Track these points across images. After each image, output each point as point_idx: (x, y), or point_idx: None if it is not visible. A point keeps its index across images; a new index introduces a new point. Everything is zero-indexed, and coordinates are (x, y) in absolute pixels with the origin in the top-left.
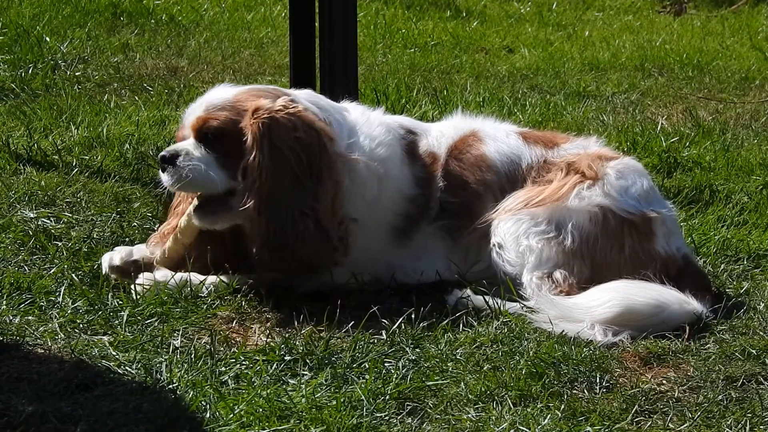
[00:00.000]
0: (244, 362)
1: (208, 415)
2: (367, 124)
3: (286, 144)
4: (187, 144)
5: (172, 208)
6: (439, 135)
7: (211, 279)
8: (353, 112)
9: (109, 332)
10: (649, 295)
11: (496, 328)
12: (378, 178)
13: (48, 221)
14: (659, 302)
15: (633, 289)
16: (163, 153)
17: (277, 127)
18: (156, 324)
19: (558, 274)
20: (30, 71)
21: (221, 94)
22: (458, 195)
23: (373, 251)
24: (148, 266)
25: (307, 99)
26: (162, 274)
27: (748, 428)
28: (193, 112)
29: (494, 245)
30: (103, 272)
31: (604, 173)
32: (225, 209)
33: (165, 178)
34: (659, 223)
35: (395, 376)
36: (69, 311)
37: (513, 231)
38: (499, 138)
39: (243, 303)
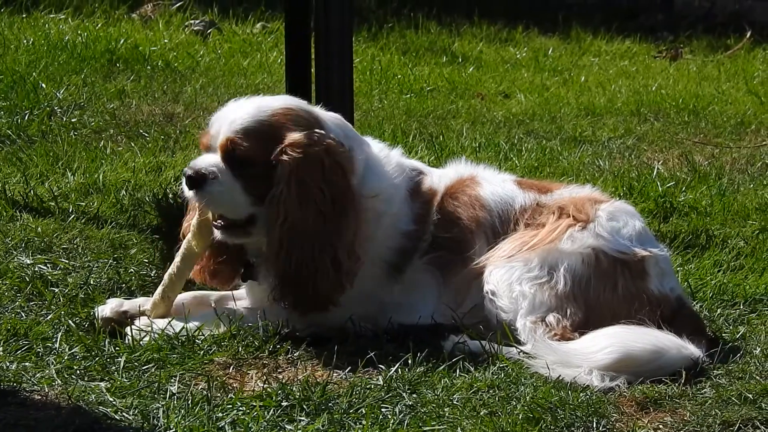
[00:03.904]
0: (241, 408)
1: None
2: (384, 161)
3: (314, 181)
4: (214, 163)
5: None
6: (441, 175)
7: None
8: (374, 146)
9: (106, 378)
10: (647, 340)
11: (492, 373)
12: (377, 215)
13: (45, 267)
14: (657, 348)
15: (631, 336)
16: (189, 173)
17: (307, 163)
18: (153, 370)
19: (551, 318)
20: (26, 117)
21: (254, 113)
22: (451, 230)
23: (365, 286)
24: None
25: (334, 124)
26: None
27: None
28: (223, 127)
29: (487, 292)
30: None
31: (595, 215)
32: (243, 232)
33: (189, 195)
34: (652, 263)
35: (392, 421)
36: (66, 357)
37: (506, 278)
38: (495, 182)
39: (240, 348)
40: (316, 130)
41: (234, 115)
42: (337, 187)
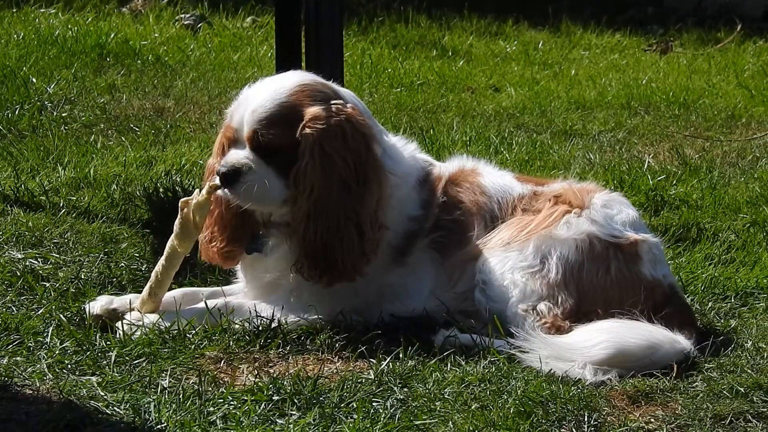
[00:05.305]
0: (232, 402)
1: None
2: (401, 149)
3: (336, 151)
4: (245, 156)
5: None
6: (447, 165)
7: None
8: (391, 137)
9: (98, 372)
10: (641, 336)
11: (483, 367)
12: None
13: (35, 262)
14: (651, 344)
15: (626, 331)
16: (223, 170)
17: (329, 134)
18: (144, 364)
19: (542, 306)
20: (17, 112)
21: (272, 96)
22: (452, 213)
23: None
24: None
25: (353, 98)
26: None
27: None
28: (246, 117)
29: (479, 282)
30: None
31: (590, 202)
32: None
33: (227, 193)
34: (645, 248)
35: (383, 415)
36: (57, 352)
37: (498, 267)
38: (495, 174)
39: (231, 343)
40: (334, 101)
41: (254, 104)
42: (360, 155)
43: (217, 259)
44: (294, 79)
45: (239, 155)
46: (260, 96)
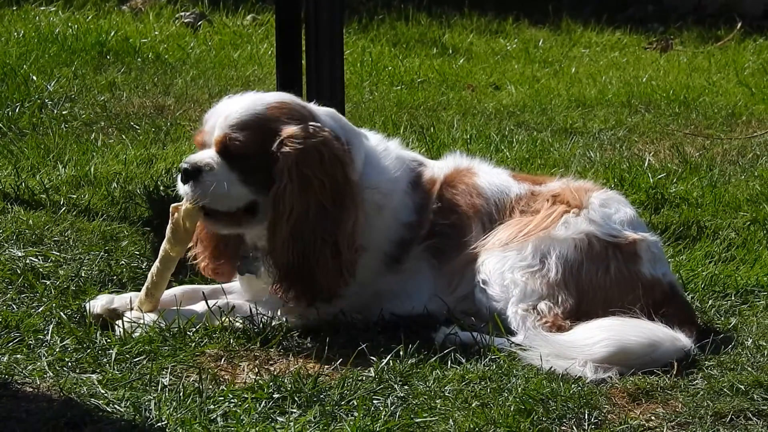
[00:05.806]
0: (232, 400)
1: None
2: (383, 153)
3: (314, 173)
4: (209, 157)
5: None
6: (440, 166)
7: (199, 308)
8: (372, 139)
9: (98, 370)
10: (642, 334)
11: (484, 364)
12: (378, 208)
13: (36, 260)
14: (652, 341)
15: (627, 328)
16: (185, 166)
17: (307, 155)
18: (144, 362)
19: (543, 306)
20: (17, 110)
21: (249, 106)
22: (449, 218)
23: (362, 277)
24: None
25: (330, 118)
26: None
27: None
28: (218, 122)
29: (479, 282)
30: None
31: (588, 202)
32: (234, 222)
33: (186, 190)
34: (644, 247)
35: (384, 413)
36: (57, 349)
37: (498, 267)
38: (491, 173)
39: (231, 340)
40: (312, 123)
41: (228, 110)
42: (336, 179)
43: (208, 273)
44: (273, 96)
45: (203, 155)
46: (236, 105)
